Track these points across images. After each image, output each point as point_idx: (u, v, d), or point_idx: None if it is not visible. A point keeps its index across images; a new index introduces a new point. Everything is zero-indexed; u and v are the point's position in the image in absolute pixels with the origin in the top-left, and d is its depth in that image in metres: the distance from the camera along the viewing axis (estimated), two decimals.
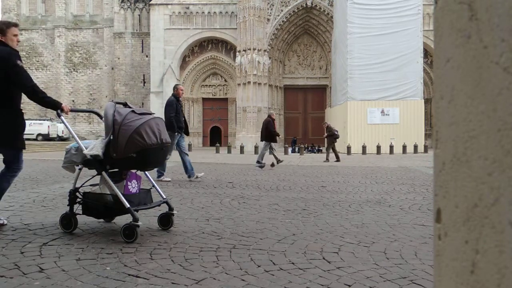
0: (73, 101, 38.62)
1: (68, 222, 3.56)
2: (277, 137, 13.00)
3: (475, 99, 0.54)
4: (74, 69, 38.53)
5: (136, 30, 37.87)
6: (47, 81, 38.69)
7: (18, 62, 3.67)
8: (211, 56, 36.57)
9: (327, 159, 16.09)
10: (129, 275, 2.53)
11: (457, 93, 0.57)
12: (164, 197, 3.83)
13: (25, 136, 3.98)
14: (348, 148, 23.46)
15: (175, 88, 8.21)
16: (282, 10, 33.82)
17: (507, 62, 0.50)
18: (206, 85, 37.56)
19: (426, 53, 29.00)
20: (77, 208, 3.66)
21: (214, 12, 35.48)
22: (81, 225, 3.87)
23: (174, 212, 3.82)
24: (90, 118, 38.74)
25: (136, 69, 37.59)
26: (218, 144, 26.80)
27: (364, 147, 23.73)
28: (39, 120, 33.47)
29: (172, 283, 2.41)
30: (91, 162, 3.50)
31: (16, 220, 4.02)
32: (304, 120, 36.65)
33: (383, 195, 6.18)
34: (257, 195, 6.10)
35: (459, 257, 0.56)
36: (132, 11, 38.06)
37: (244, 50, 32.53)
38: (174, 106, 7.75)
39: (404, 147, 23.83)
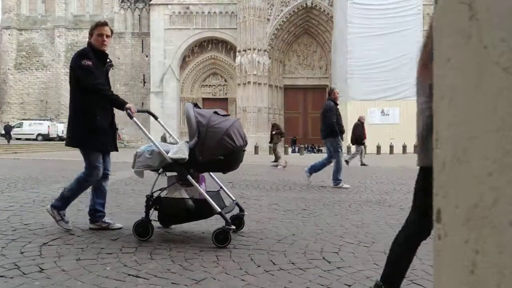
0: None
1: (144, 229, 3.34)
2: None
3: (475, 99, 0.54)
4: None
5: (136, 30, 37.85)
6: (47, 81, 38.69)
7: (84, 62, 3.54)
8: (211, 56, 36.55)
9: (284, 165, 11.94)
10: (129, 275, 2.53)
11: (457, 93, 0.57)
12: (234, 198, 3.75)
13: (24, 136, 3.90)
14: (348, 148, 23.46)
15: (332, 92, 7.74)
16: (282, 10, 33.79)
17: (507, 62, 0.50)
18: (206, 85, 37.55)
19: None
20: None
21: (214, 12, 35.46)
22: (81, 225, 3.87)
23: (245, 213, 3.74)
24: None
25: (136, 69, 37.58)
26: None
27: (364, 147, 23.73)
28: (39, 120, 33.43)
29: (172, 283, 2.41)
30: (172, 166, 3.35)
31: (16, 220, 4.02)
32: (304, 120, 36.63)
33: (383, 195, 6.18)
34: (257, 195, 6.10)
35: (459, 257, 0.56)
36: (132, 11, 38.04)
37: (244, 50, 32.51)
38: (334, 111, 7.41)
39: (404, 147, 23.82)
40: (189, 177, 3.36)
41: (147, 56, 36.84)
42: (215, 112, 3.44)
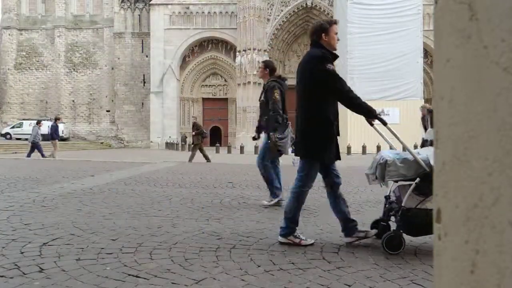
0: (73, 101, 38.62)
1: (398, 242, 3.16)
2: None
3: (475, 99, 0.54)
4: (74, 69, 38.51)
5: (136, 30, 37.85)
6: (47, 81, 38.69)
7: (329, 66, 3.32)
8: (211, 56, 36.57)
9: (191, 160, 14.07)
10: (129, 275, 2.53)
11: (457, 93, 0.57)
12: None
13: (24, 136, 3.85)
14: (348, 148, 23.47)
15: None
16: (282, 10, 33.83)
17: (507, 62, 0.50)
18: (206, 85, 37.57)
19: (426, 53, 28.97)
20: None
21: (214, 12, 35.47)
22: (81, 225, 3.87)
23: None
24: (90, 118, 38.71)
25: (136, 69, 37.58)
26: (218, 144, 26.85)
27: (364, 147, 23.73)
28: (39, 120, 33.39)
29: (172, 283, 2.41)
30: (430, 175, 3.09)
31: (16, 220, 4.02)
32: None
33: (383, 195, 6.17)
34: (257, 195, 6.10)
35: (459, 257, 0.56)
36: (132, 11, 38.04)
37: (244, 50, 32.52)
38: None
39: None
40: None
41: (147, 56, 36.84)
42: None
